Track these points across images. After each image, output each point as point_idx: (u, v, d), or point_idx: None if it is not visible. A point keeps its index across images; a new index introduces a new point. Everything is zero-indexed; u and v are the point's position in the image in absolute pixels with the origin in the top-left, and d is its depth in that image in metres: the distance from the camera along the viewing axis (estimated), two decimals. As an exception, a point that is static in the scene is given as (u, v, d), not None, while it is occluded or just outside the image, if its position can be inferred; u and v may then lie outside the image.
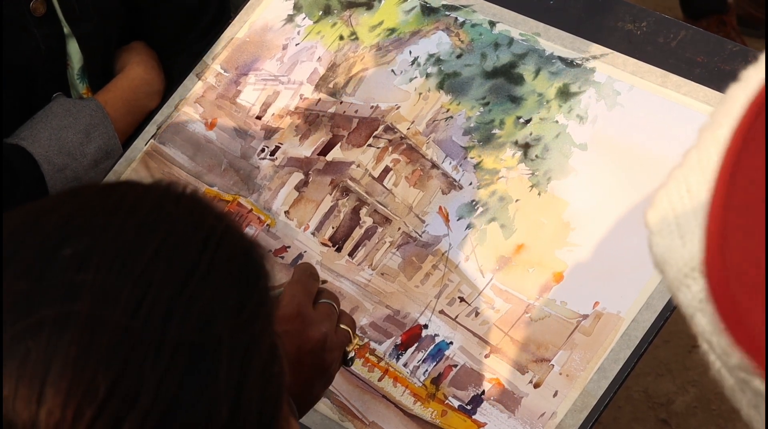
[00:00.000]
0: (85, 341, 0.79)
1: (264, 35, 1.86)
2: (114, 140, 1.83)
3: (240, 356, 0.82)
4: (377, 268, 1.61)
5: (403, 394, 1.52)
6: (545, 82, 1.64)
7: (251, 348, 0.83)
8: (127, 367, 0.79)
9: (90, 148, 1.81)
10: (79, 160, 1.79)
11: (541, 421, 1.44)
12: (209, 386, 0.80)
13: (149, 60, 1.94)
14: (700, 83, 1.55)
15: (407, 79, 1.72)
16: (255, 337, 0.84)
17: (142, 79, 1.91)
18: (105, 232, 0.83)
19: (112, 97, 1.88)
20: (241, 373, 0.82)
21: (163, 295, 0.81)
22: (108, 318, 0.80)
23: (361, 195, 1.67)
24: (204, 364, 0.80)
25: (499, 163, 1.61)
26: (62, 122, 1.80)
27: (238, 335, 0.83)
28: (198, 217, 0.86)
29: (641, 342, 1.43)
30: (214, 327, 0.82)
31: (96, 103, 1.84)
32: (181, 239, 0.84)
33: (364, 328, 1.58)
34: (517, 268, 1.54)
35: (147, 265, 0.82)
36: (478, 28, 1.72)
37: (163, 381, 0.79)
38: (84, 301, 0.80)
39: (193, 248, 0.84)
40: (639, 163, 1.54)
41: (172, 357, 0.80)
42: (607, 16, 1.65)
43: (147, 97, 1.91)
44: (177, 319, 0.81)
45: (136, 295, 0.80)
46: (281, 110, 1.79)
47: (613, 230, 1.51)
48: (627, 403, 3.02)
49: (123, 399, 0.78)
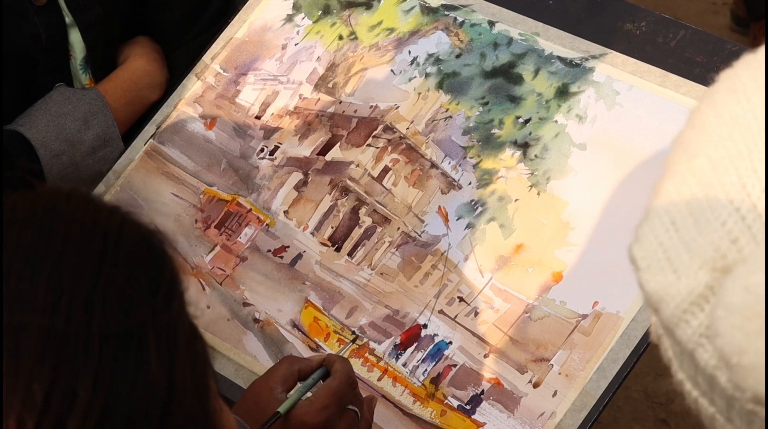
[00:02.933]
0: (13, 351, 0.80)
1: (263, 35, 1.86)
2: (113, 128, 1.83)
3: (165, 336, 0.84)
4: (376, 267, 1.61)
5: (403, 394, 1.52)
6: (544, 82, 1.63)
7: (174, 327, 0.85)
8: (59, 368, 0.80)
9: (88, 135, 1.81)
10: (76, 147, 1.79)
11: (541, 421, 1.44)
12: (142, 370, 0.82)
13: (152, 53, 1.94)
14: (699, 83, 1.55)
15: (406, 78, 1.72)
16: (175, 315, 0.86)
17: (143, 70, 1.91)
18: (7, 244, 0.84)
19: (113, 86, 1.88)
20: (170, 351, 0.84)
21: (78, 292, 0.82)
22: (30, 324, 0.81)
23: (361, 195, 1.67)
24: (133, 351, 0.82)
25: (499, 163, 1.61)
26: (61, 109, 1.80)
27: (159, 316, 0.84)
28: (93, 212, 0.88)
29: (640, 342, 1.43)
30: (134, 313, 0.83)
31: (96, 91, 1.85)
32: (82, 236, 0.85)
33: (363, 327, 1.58)
34: (516, 267, 1.54)
35: (55, 266, 0.83)
36: (478, 27, 1.72)
37: (98, 375, 0.80)
38: (4, 312, 0.81)
39: (95, 242, 0.85)
40: (638, 162, 1.54)
41: (101, 350, 0.81)
42: (606, 16, 1.65)
43: (148, 88, 1.91)
44: (97, 312, 0.82)
45: (51, 297, 0.82)
46: (280, 110, 1.79)
47: (612, 230, 1.51)
48: (626, 403, 3.02)
49: (62, 400, 0.79)
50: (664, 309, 0.75)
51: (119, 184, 1.82)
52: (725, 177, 0.74)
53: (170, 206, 1.77)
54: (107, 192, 1.82)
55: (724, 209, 0.73)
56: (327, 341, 1.59)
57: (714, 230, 0.73)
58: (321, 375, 1.39)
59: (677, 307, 0.74)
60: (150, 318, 0.84)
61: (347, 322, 1.59)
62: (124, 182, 1.82)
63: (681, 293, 0.74)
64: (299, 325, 1.61)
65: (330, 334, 1.59)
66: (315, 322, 1.61)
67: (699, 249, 0.74)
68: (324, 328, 1.60)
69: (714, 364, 0.73)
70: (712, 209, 0.74)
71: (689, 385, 0.76)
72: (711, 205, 0.74)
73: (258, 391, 1.37)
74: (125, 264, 0.85)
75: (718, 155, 0.75)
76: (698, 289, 0.73)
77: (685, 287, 0.74)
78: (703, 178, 0.75)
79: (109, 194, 1.81)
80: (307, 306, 1.62)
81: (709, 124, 0.77)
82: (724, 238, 0.73)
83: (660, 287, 0.76)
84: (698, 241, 0.74)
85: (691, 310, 0.74)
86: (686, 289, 0.74)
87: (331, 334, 1.59)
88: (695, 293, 0.74)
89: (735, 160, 0.74)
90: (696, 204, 0.74)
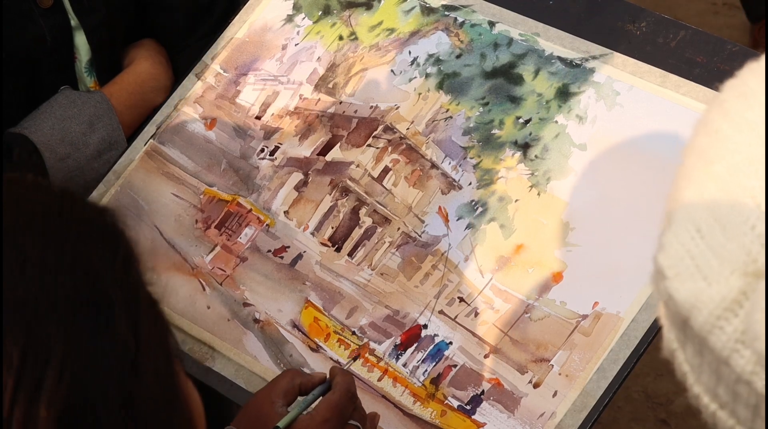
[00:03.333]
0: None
1: (263, 35, 1.86)
2: (118, 132, 1.83)
3: (129, 297, 0.89)
4: (377, 268, 1.61)
5: (403, 394, 1.52)
6: (545, 83, 1.63)
7: (136, 289, 0.91)
8: (32, 331, 0.84)
9: (93, 138, 1.81)
10: (81, 151, 1.79)
11: (541, 421, 1.44)
12: (110, 329, 0.87)
13: (157, 56, 1.94)
14: (699, 83, 1.55)
15: (407, 79, 1.72)
16: (135, 278, 0.91)
17: (148, 73, 1.91)
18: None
19: (118, 89, 1.88)
20: (134, 311, 0.89)
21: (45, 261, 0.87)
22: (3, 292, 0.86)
23: (361, 195, 1.67)
24: (102, 312, 0.87)
25: (499, 164, 1.61)
26: (66, 113, 1.80)
27: (121, 280, 0.90)
28: (44, 191, 0.94)
29: (640, 342, 1.43)
30: (99, 278, 0.88)
31: (101, 94, 1.85)
32: (37, 213, 0.90)
33: (363, 328, 1.58)
34: (516, 268, 1.54)
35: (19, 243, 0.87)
36: (478, 28, 1.72)
37: (69, 336, 0.85)
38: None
39: (52, 217, 0.90)
40: (638, 163, 1.54)
41: (72, 313, 0.86)
42: (606, 17, 1.65)
43: (153, 91, 1.91)
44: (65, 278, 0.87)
45: (18, 269, 0.86)
46: (281, 110, 1.79)
47: (612, 230, 1.51)
48: (626, 403, 3.02)
49: (36, 362, 0.83)
50: (697, 316, 0.75)
51: (119, 185, 1.82)
52: (747, 181, 0.74)
53: (170, 206, 1.77)
54: (107, 192, 1.82)
55: (751, 213, 0.73)
56: (327, 341, 1.59)
57: (743, 234, 0.73)
58: (323, 390, 1.38)
59: (710, 314, 0.74)
60: (113, 281, 0.89)
61: (347, 323, 1.59)
62: (124, 182, 1.82)
63: (714, 300, 0.74)
64: (299, 326, 1.61)
65: (330, 335, 1.59)
66: (315, 323, 1.61)
67: (729, 254, 0.73)
68: (324, 329, 1.60)
69: (750, 370, 0.72)
70: (738, 214, 0.73)
71: (707, 399, 0.76)
72: (736, 209, 0.73)
73: (259, 404, 1.37)
74: (84, 237, 0.90)
75: (736, 161, 0.75)
76: (731, 295, 0.73)
77: (717, 293, 0.74)
78: (724, 184, 0.74)
79: (108, 194, 1.81)
80: (307, 306, 1.62)
81: (723, 131, 0.76)
82: (755, 241, 0.73)
83: (691, 294, 0.75)
84: (727, 247, 0.73)
85: (725, 316, 0.73)
86: (719, 295, 0.73)
87: (332, 334, 1.59)
88: (729, 299, 0.73)
89: (755, 164, 0.74)
90: (719, 210, 0.74)
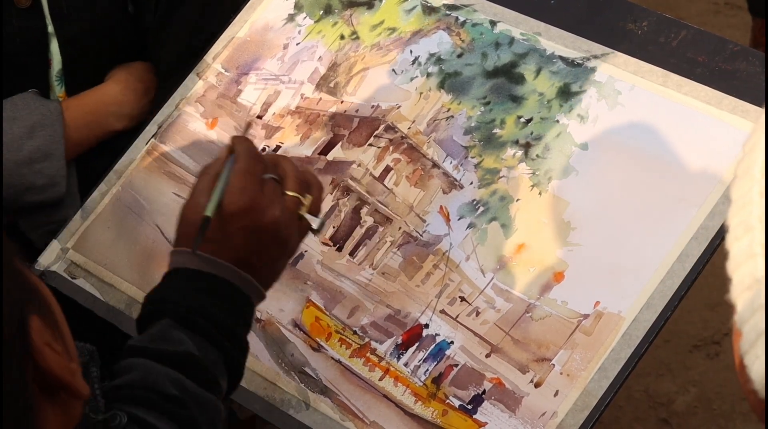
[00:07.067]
0: None
1: (265, 34, 1.86)
2: (57, 145, 1.80)
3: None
4: (378, 267, 1.61)
5: (404, 394, 1.52)
6: (546, 82, 1.64)
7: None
8: None
9: (29, 144, 1.78)
10: (12, 153, 1.77)
11: (542, 421, 1.44)
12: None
13: (135, 82, 1.90)
14: (701, 83, 1.55)
15: (408, 78, 1.72)
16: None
17: (113, 98, 1.88)
18: None
19: (76, 105, 1.85)
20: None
21: None
22: None
23: (362, 194, 1.67)
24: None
25: (500, 163, 1.61)
26: (14, 113, 1.78)
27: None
28: None
29: (642, 342, 1.43)
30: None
31: (56, 105, 1.82)
32: None
33: (364, 327, 1.58)
34: (517, 267, 1.54)
35: None
36: (479, 27, 1.72)
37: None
38: None
39: None
40: (640, 162, 1.54)
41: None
42: (608, 16, 1.65)
43: (113, 116, 1.88)
44: None
45: None
46: (282, 110, 1.79)
47: (613, 230, 1.51)
48: (628, 403, 3.02)
49: None
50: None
51: (120, 184, 1.82)
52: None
53: (172, 206, 1.77)
54: (108, 191, 1.82)
55: None
56: (328, 341, 1.59)
57: None
58: (232, 163, 1.33)
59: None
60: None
61: (349, 322, 1.59)
62: (126, 182, 1.82)
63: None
64: (301, 325, 1.61)
65: (331, 334, 1.59)
66: (316, 322, 1.61)
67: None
68: (325, 328, 1.60)
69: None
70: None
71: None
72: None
73: (187, 213, 1.34)
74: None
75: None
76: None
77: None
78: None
79: (110, 194, 1.81)
80: (308, 306, 1.62)
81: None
82: None
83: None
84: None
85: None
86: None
87: (333, 333, 1.59)
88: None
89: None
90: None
